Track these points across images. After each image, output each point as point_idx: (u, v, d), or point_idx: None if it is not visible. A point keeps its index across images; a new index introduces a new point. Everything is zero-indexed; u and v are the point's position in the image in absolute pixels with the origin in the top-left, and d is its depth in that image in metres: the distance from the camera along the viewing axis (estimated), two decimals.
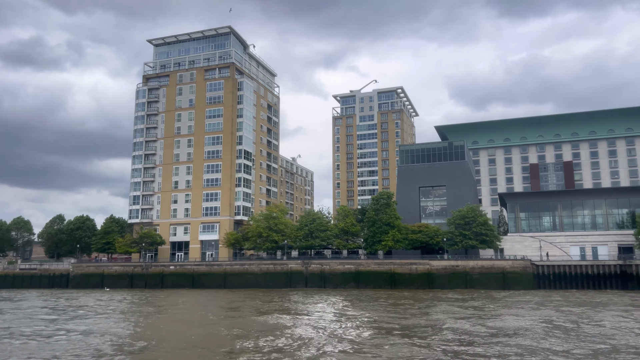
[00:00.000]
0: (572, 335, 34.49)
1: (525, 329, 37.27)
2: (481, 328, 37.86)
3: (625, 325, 38.60)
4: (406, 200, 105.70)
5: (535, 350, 29.32)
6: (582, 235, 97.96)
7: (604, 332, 35.63)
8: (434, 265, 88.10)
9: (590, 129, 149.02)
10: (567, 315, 45.22)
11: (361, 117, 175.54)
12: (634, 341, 32.01)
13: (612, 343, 31.43)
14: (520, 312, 48.68)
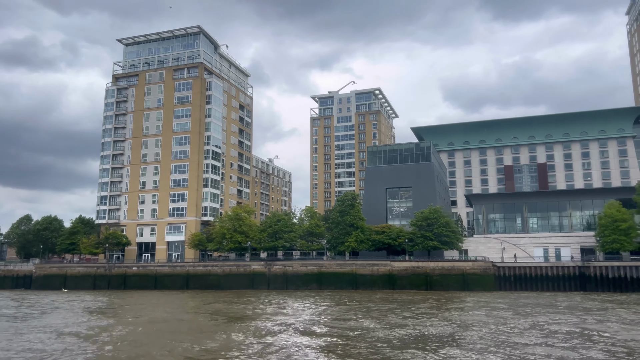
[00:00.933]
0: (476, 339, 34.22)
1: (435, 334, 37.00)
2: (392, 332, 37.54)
3: (549, 329, 38.40)
4: (373, 201, 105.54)
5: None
6: (545, 237, 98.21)
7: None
8: (395, 267, 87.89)
9: (564, 131, 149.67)
10: (493, 319, 45.02)
11: (339, 118, 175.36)
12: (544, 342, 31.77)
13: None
14: (449, 315, 48.40)
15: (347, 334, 36.13)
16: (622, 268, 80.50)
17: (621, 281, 79.92)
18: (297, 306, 57.82)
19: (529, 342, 32.08)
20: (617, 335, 34.32)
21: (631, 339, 33.22)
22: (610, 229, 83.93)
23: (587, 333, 35.35)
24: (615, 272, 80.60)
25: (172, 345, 32.23)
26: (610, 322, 40.92)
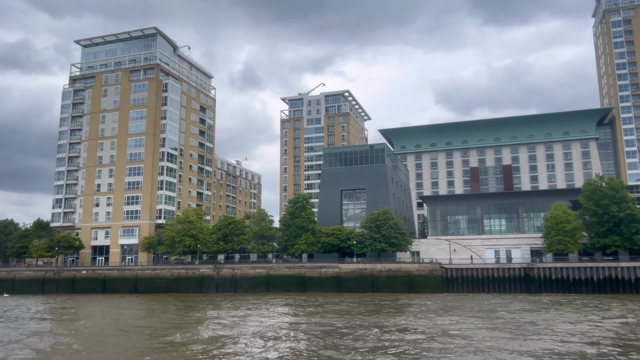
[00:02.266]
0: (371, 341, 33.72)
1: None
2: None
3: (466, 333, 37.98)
4: (329, 203, 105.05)
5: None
6: (497, 238, 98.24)
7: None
8: (343, 269, 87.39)
9: (529, 133, 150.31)
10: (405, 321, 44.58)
11: (309, 120, 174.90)
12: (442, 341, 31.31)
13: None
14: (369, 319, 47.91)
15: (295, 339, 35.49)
16: (566, 269, 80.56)
17: (564, 282, 79.99)
18: (236, 312, 57.07)
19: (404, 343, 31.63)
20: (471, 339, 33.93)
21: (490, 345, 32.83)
22: (555, 230, 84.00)
23: (459, 334, 34.94)
24: (559, 274, 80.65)
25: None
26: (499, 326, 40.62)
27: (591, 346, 30.65)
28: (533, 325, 39.49)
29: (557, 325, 39.48)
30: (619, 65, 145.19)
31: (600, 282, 78.17)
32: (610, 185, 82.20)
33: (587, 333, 35.80)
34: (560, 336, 34.29)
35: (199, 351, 30.73)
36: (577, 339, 33.47)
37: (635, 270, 76.83)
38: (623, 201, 79.93)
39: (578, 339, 33.47)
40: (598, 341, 32.37)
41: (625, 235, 79.29)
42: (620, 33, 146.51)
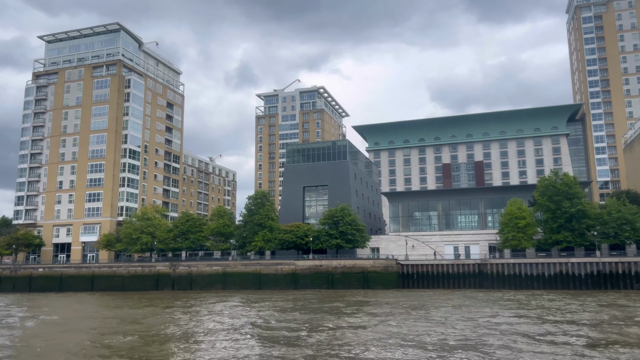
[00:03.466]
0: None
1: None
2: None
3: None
4: (291, 200, 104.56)
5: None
6: (456, 234, 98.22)
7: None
8: (298, 266, 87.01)
9: (501, 130, 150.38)
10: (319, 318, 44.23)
11: (283, 117, 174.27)
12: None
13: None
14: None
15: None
16: (518, 265, 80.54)
17: (517, 278, 79.98)
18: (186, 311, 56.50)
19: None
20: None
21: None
22: (509, 227, 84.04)
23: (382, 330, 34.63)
24: (512, 270, 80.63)
25: None
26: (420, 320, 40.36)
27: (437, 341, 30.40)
28: (423, 321, 39.23)
29: (442, 321, 39.18)
30: (589, 62, 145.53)
31: (552, 278, 78.27)
32: (564, 181, 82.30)
33: (462, 328, 35.44)
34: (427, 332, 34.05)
35: (129, 350, 30.19)
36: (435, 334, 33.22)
37: (586, 266, 76.98)
38: (575, 197, 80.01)
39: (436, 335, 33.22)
40: (448, 337, 32.07)
41: (576, 231, 79.38)
42: (591, 29, 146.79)
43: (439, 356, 26.63)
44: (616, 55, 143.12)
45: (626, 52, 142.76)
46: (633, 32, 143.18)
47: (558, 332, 33.80)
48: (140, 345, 31.90)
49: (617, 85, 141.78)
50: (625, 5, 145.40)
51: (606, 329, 35.15)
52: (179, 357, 28.06)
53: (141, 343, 32.47)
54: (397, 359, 26.41)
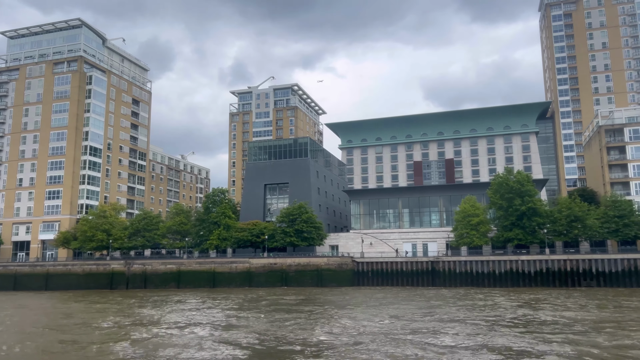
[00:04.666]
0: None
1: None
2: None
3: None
4: (252, 197, 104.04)
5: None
6: (415, 232, 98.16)
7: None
8: (253, 264, 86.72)
9: (471, 127, 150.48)
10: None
11: (257, 114, 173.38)
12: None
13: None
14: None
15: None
16: (469, 263, 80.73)
17: (468, 276, 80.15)
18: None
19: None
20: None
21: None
22: (462, 224, 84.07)
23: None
24: (463, 267, 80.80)
25: None
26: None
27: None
28: (319, 317, 39.02)
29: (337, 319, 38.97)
30: (558, 60, 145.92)
31: (503, 276, 78.48)
32: (517, 179, 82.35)
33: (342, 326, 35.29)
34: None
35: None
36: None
37: (536, 264, 77.19)
38: (527, 195, 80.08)
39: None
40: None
41: (527, 228, 79.48)
42: (560, 27, 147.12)
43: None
44: (585, 54, 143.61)
45: (595, 51, 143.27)
46: (602, 30, 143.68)
47: (438, 328, 33.59)
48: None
49: (585, 83, 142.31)
50: (594, 4, 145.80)
51: (492, 326, 34.98)
52: None
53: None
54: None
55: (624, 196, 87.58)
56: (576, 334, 31.19)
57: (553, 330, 32.75)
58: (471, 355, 25.50)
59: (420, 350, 27.02)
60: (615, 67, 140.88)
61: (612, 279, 73.37)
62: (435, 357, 25.46)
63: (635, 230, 77.02)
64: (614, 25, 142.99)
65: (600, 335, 30.64)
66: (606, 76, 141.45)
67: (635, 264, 73.17)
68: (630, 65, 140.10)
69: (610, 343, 28.39)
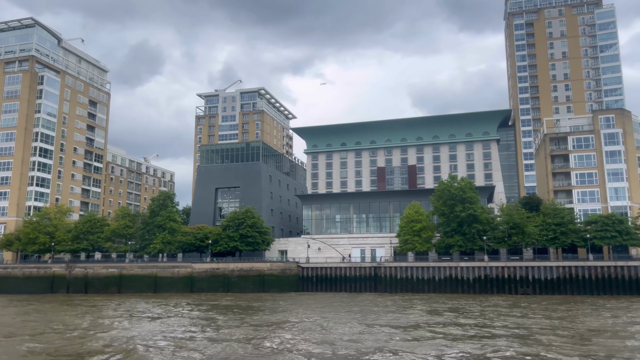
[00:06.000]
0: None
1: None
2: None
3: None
4: (203, 201, 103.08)
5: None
6: (364, 237, 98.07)
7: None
8: (196, 269, 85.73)
9: (434, 134, 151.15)
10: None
11: (223, 117, 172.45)
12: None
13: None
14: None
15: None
16: (410, 269, 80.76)
17: (408, 282, 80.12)
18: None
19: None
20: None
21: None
22: (405, 230, 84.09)
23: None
24: (403, 273, 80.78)
25: None
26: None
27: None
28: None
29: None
30: (519, 68, 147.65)
31: (442, 282, 78.59)
32: (460, 186, 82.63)
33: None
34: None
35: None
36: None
37: (474, 270, 77.40)
38: (468, 201, 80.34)
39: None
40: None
41: (467, 235, 79.69)
42: (522, 36, 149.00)
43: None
44: (546, 63, 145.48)
45: (555, 60, 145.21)
46: (562, 39, 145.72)
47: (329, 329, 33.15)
48: None
49: (545, 92, 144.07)
50: (555, 14, 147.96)
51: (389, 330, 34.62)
52: None
53: None
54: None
55: (566, 204, 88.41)
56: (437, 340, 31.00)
57: (410, 335, 32.54)
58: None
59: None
60: (574, 76, 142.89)
61: (548, 286, 73.84)
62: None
63: (572, 238, 77.59)
64: (574, 35, 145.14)
65: (466, 343, 30.46)
66: (565, 85, 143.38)
67: (571, 271, 73.80)
68: (589, 75, 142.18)
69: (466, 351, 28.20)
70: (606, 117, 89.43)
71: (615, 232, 74.66)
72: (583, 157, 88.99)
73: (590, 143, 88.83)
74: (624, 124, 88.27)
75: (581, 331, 35.14)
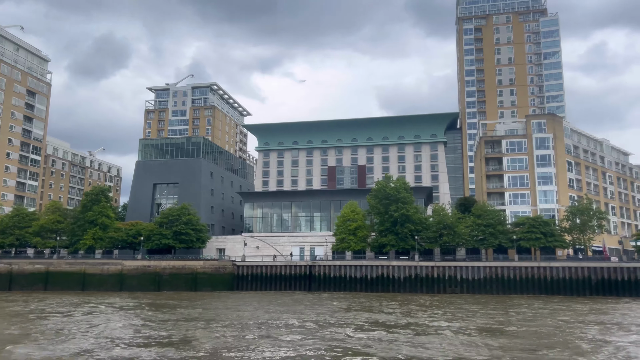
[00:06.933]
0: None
1: None
2: None
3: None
4: (141, 197, 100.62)
5: None
6: (303, 236, 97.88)
7: None
8: (126, 266, 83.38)
9: (384, 135, 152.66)
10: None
11: (174, 112, 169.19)
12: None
13: None
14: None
15: None
16: (344, 267, 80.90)
17: (342, 280, 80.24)
18: None
19: None
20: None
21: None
22: (342, 229, 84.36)
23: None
24: (337, 272, 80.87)
25: None
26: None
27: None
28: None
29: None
30: (468, 72, 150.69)
31: (373, 281, 79.07)
32: (395, 186, 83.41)
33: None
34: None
35: None
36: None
37: (405, 270, 78.22)
38: (401, 201, 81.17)
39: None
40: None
41: (400, 234, 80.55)
42: (471, 41, 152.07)
43: None
44: (492, 68, 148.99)
45: (502, 65, 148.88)
46: (509, 45, 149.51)
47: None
48: None
49: (491, 96, 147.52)
50: (503, 20, 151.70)
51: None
52: None
53: None
54: None
55: (499, 206, 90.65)
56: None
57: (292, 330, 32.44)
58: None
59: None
60: (519, 82, 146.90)
61: (475, 286, 75.32)
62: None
63: (501, 239, 79.48)
64: (520, 42, 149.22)
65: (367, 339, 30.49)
66: (511, 90, 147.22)
67: (497, 272, 75.56)
68: (532, 81, 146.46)
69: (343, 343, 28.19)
70: (538, 122, 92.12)
71: (540, 233, 76.88)
72: (516, 160, 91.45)
73: (523, 147, 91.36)
74: (555, 129, 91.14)
75: (473, 329, 35.77)
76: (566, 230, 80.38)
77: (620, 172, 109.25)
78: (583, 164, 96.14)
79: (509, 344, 29.79)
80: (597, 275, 72.20)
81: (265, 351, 27.13)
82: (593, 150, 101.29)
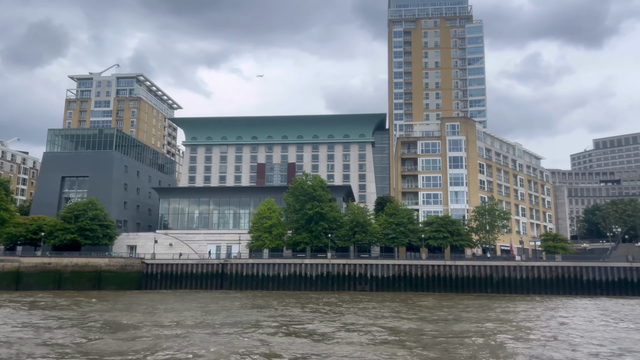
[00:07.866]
0: None
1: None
2: None
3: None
4: (46, 190, 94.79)
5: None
6: (220, 233, 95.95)
7: None
8: (24, 263, 78.21)
9: (314, 133, 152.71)
10: None
11: (97, 102, 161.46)
12: None
13: None
14: None
15: None
16: (258, 266, 79.74)
17: (255, 279, 79.00)
18: None
19: None
20: None
21: None
22: (257, 226, 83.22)
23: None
24: (251, 270, 79.61)
25: None
26: None
27: None
28: None
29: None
30: (396, 74, 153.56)
31: (286, 279, 78.45)
32: (312, 184, 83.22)
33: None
34: None
35: None
36: None
37: (318, 268, 78.14)
38: (318, 199, 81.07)
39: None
40: None
41: (314, 232, 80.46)
42: (400, 43, 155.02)
43: None
44: (420, 71, 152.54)
45: (429, 69, 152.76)
46: (436, 50, 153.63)
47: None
48: None
49: (418, 98, 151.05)
50: (431, 25, 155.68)
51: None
52: None
53: None
54: None
55: (413, 206, 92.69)
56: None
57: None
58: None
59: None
60: (444, 85, 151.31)
61: (384, 283, 76.31)
62: None
63: (411, 238, 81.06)
64: (447, 46, 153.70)
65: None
66: (436, 93, 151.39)
67: (406, 269, 76.93)
68: (457, 85, 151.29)
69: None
70: (452, 125, 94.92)
71: (447, 233, 79.03)
72: (430, 161, 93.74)
73: (437, 148, 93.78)
74: (468, 132, 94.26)
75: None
76: (474, 229, 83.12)
77: (532, 175, 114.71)
78: (495, 167, 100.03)
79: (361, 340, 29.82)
80: (499, 274, 75.12)
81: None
82: (505, 154, 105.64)
